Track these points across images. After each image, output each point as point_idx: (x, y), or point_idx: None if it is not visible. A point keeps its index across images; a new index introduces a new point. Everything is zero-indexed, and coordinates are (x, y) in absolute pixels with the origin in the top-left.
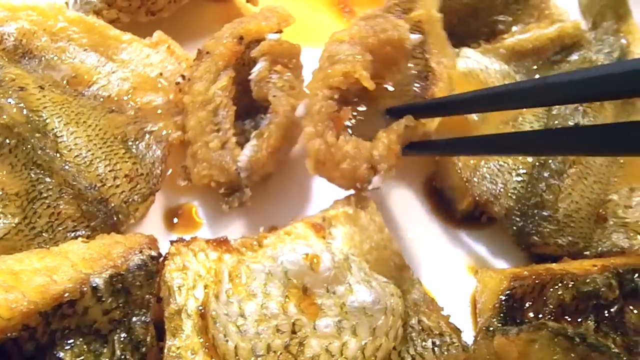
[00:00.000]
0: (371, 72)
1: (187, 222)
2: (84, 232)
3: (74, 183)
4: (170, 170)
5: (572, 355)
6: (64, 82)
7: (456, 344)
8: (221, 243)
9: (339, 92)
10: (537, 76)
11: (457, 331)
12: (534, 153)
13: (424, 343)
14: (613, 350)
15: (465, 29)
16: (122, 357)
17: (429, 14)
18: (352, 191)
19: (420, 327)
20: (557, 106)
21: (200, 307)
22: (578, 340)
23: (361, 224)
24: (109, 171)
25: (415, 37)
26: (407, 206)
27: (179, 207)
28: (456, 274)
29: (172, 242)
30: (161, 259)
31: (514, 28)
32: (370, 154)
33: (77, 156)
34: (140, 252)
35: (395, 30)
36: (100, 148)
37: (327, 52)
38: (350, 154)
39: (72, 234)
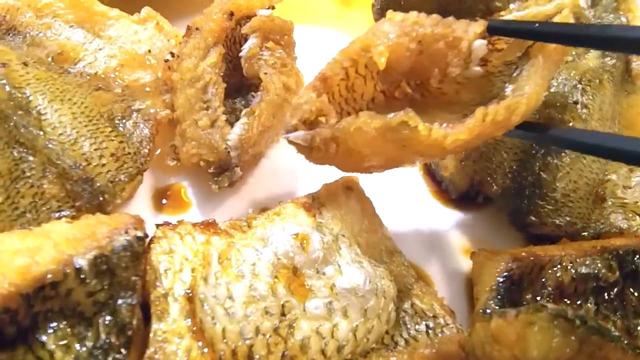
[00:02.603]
0: (412, 65)
1: (176, 202)
2: (68, 212)
3: (58, 162)
4: (159, 150)
5: (572, 338)
6: (49, 59)
7: (450, 326)
8: (209, 225)
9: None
10: None
11: (452, 313)
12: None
13: (417, 326)
14: (614, 334)
15: (461, 6)
16: (107, 340)
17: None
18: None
19: (414, 311)
20: (555, 84)
21: (188, 290)
22: (578, 323)
23: (351, 206)
24: (95, 150)
25: (479, 43)
26: (402, 185)
27: (168, 187)
28: (451, 256)
29: (157, 226)
30: (147, 239)
31: (512, 5)
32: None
33: (61, 134)
34: (126, 232)
35: (460, 29)
36: (85, 126)
37: (368, 29)
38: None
39: (57, 214)
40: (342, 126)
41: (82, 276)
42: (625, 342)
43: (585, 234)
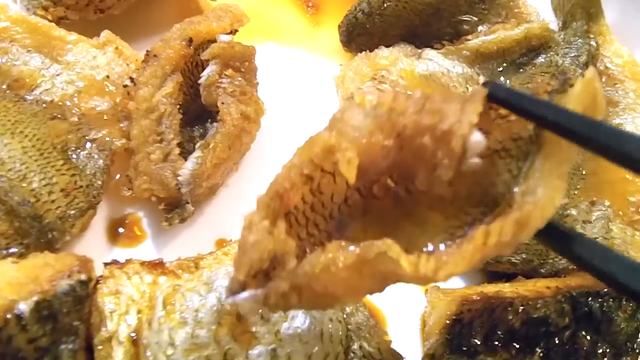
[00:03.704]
0: (391, 164)
1: (132, 233)
2: (17, 249)
3: (6, 199)
4: (118, 176)
5: None
6: (4, 86)
7: None
8: (156, 265)
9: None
10: (502, 78)
11: (398, 357)
12: None
13: None
14: None
15: (428, 29)
16: None
17: None
18: None
19: (362, 353)
20: None
21: (133, 334)
22: None
23: None
24: (44, 185)
25: (477, 138)
26: None
27: (124, 217)
28: (407, 292)
29: (105, 265)
30: (92, 282)
31: (480, 28)
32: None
33: (10, 170)
34: (69, 276)
35: (451, 117)
36: (36, 160)
37: (333, 116)
38: None
39: (5, 252)
40: (304, 271)
41: (23, 323)
42: None
43: (543, 270)
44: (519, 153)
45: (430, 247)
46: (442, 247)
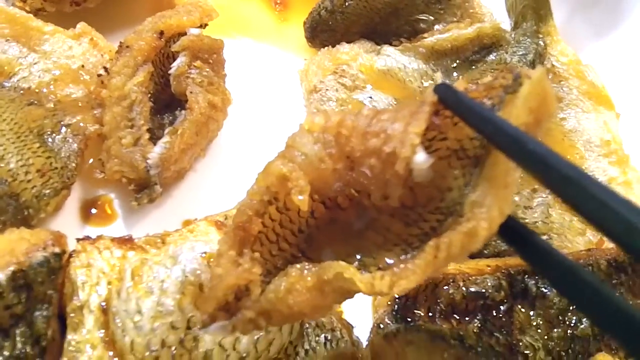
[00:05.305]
0: (345, 182)
1: (104, 214)
2: None
3: None
4: (91, 160)
5: (446, 355)
6: None
7: (345, 339)
8: (126, 241)
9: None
10: (455, 74)
11: (349, 327)
12: None
13: (317, 338)
14: (494, 350)
15: (387, 27)
16: (23, 350)
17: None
18: None
19: (315, 323)
20: None
21: (103, 303)
22: (453, 342)
23: None
24: (21, 166)
25: (421, 158)
26: None
27: (96, 198)
28: None
29: (78, 240)
30: (66, 255)
31: (436, 27)
32: None
33: None
34: (44, 248)
35: (395, 139)
36: (13, 143)
37: (287, 142)
38: None
39: None
40: (269, 297)
41: (0, 291)
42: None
43: (486, 251)
44: (476, 154)
45: (389, 261)
46: (394, 261)
